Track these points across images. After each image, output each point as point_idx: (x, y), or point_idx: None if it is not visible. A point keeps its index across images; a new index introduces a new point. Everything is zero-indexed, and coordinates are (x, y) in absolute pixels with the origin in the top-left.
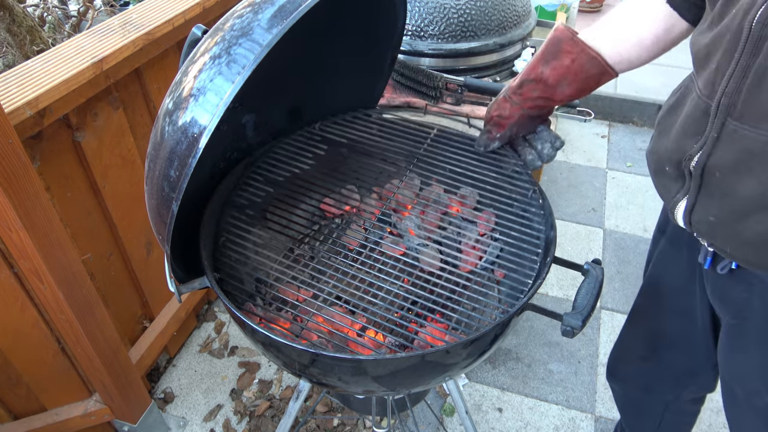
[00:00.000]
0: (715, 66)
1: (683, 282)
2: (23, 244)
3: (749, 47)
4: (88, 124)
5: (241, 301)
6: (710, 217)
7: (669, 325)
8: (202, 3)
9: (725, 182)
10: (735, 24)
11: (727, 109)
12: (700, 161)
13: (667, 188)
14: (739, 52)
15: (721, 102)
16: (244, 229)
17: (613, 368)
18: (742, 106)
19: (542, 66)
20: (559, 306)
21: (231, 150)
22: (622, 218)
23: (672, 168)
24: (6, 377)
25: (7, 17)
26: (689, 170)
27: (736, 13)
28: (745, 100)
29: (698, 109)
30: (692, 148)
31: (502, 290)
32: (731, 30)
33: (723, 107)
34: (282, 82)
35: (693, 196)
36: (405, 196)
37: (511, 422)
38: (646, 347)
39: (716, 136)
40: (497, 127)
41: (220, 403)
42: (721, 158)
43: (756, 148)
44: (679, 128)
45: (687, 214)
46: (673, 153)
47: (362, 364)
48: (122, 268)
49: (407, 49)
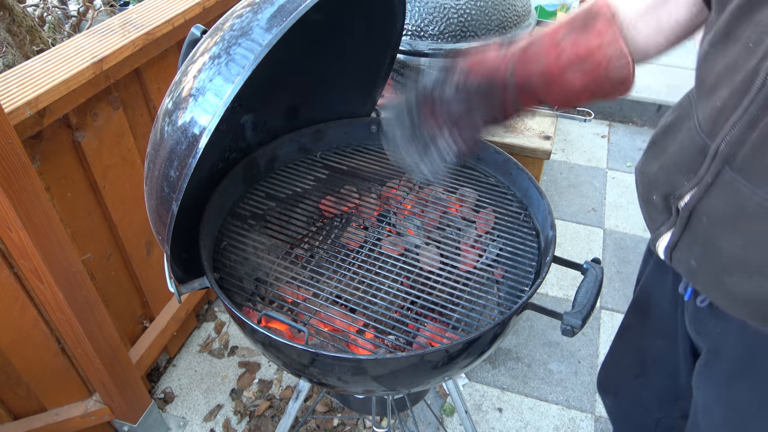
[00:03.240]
0: (720, 104)
1: (668, 307)
2: (23, 244)
3: (762, 97)
4: (88, 124)
5: (241, 301)
6: (692, 260)
7: (654, 347)
8: (202, 3)
9: (711, 231)
10: (751, 65)
11: (726, 158)
12: (689, 203)
13: (653, 218)
14: (750, 100)
15: (721, 149)
16: (244, 232)
17: (604, 382)
18: (744, 160)
19: (564, 33)
20: (559, 306)
21: (230, 150)
22: (622, 218)
23: (659, 199)
24: (6, 377)
25: (7, 17)
26: (677, 208)
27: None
28: (748, 154)
29: (695, 145)
30: (683, 186)
31: (502, 290)
32: (746, 70)
33: (722, 154)
34: (281, 81)
35: (677, 235)
36: (406, 198)
37: (511, 422)
38: (634, 365)
39: (710, 182)
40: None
41: (220, 403)
42: (711, 206)
43: (749, 207)
44: (672, 159)
45: (669, 250)
46: (663, 185)
47: (362, 364)
48: (122, 268)
49: (407, 49)
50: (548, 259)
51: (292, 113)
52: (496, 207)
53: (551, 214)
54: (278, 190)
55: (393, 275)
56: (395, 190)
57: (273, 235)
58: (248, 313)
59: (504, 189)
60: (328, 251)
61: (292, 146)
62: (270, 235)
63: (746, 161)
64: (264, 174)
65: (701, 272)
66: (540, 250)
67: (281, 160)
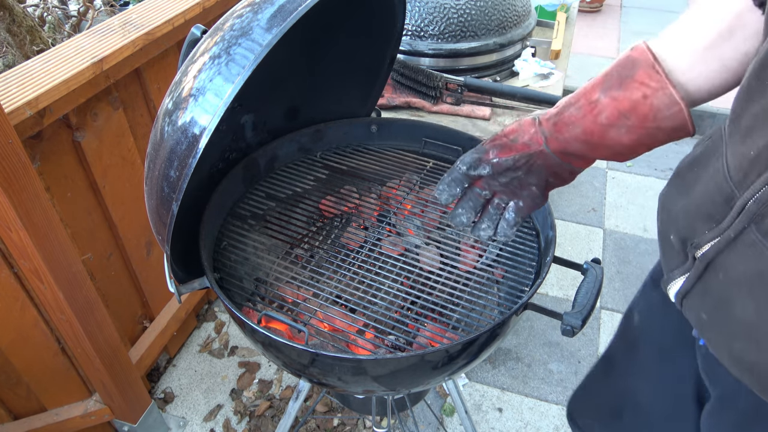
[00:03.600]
0: (754, 154)
1: (666, 346)
2: (23, 244)
3: None
4: (88, 124)
5: (241, 301)
6: (702, 313)
7: (638, 391)
8: (202, 3)
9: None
10: None
11: (753, 217)
12: (707, 254)
13: (667, 257)
14: None
15: (749, 206)
16: (244, 232)
17: (574, 413)
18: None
19: (600, 92)
20: (559, 306)
21: (230, 150)
22: (622, 218)
23: (677, 241)
24: (6, 377)
25: (7, 17)
26: (694, 256)
27: None
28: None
29: (721, 192)
30: (703, 234)
31: (502, 290)
32: None
33: (749, 212)
34: (281, 81)
35: (691, 282)
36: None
37: (511, 422)
38: (610, 408)
39: (732, 237)
40: (500, 150)
41: (220, 403)
42: (730, 264)
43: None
44: (695, 201)
45: (680, 296)
46: (683, 228)
47: (362, 364)
48: (122, 268)
49: (407, 49)
50: (548, 260)
51: (292, 113)
52: None
53: (551, 214)
54: (278, 190)
55: (393, 275)
56: (395, 190)
57: (273, 235)
58: (248, 313)
59: None
60: (328, 251)
61: (292, 146)
62: (270, 235)
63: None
64: (264, 174)
65: (710, 329)
66: (540, 250)
67: (281, 160)
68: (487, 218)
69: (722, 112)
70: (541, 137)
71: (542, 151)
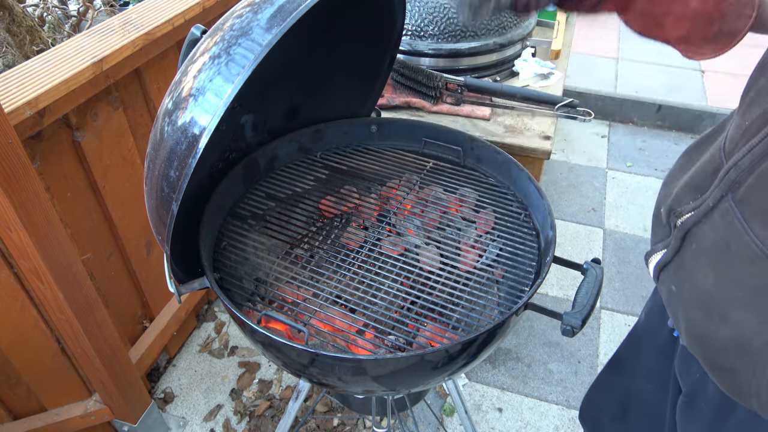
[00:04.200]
0: (747, 124)
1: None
2: (23, 244)
3: None
4: (88, 124)
5: (241, 301)
6: (672, 286)
7: (644, 391)
8: (202, 3)
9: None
10: None
11: (732, 184)
12: (685, 224)
13: (655, 231)
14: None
15: (730, 173)
16: (244, 232)
17: (586, 413)
18: (746, 190)
19: None
20: (559, 306)
21: (230, 150)
22: (622, 218)
23: (665, 213)
24: (6, 377)
25: (7, 17)
26: (675, 225)
27: None
28: (751, 186)
29: (713, 162)
30: (687, 204)
31: (502, 290)
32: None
33: (729, 179)
34: (281, 81)
35: (669, 255)
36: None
37: (511, 422)
38: (617, 406)
39: (711, 206)
40: None
41: (220, 403)
42: (703, 234)
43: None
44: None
45: (658, 268)
46: (673, 200)
47: (362, 364)
48: (122, 268)
49: (407, 49)
50: (548, 259)
51: (292, 113)
52: (496, 207)
53: (551, 214)
54: (278, 190)
55: (393, 275)
56: (395, 190)
57: (273, 235)
58: (248, 313)
59: (504, 189)
60: (328, 251)
61: (292, 146)
62: (270, 235)
63: (747, 193)
64: (264, 174)
65: (676, 301)
66: (540, 250)
67: (281, 160)
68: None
69: (722, 113)
70: None
71: None
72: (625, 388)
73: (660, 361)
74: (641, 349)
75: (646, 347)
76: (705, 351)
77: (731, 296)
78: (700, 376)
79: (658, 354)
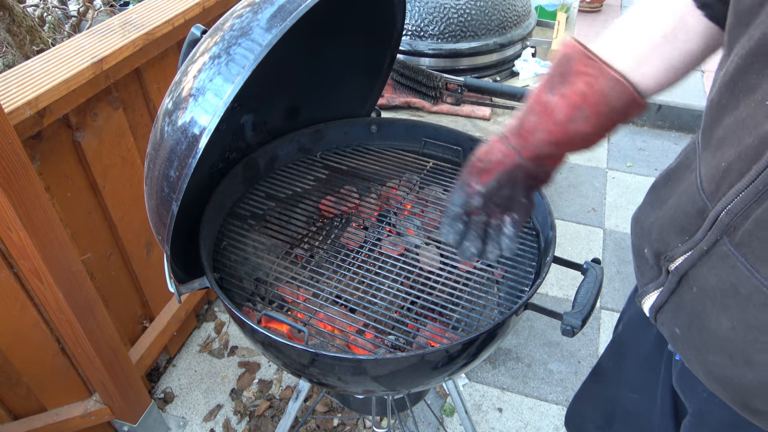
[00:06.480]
0: (725, 165)
1: (648, 357)
2: (23, 244)
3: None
4: (88, 124)
5: (241, 301)
6: (676, 328)
7: (627, 399)
8: (202, 3)
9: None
10: (764, 128)
11: (725, 229)
12: (680, 267)
13: (642, 272)
14: (758, 170)
15: (721, 217)
16: (244, 232)
17: (571, 420)
18: (744, 235)
19: (548, 94)
20: (559, 306)
21: (230, 150)
22: (622, 218)
23: (650, 255)
24: (6, 377)
25: (7, 17)
26: (667, 270)
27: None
28: (751, 231)
29: (694, 204)
30: (677, 247)
31: (502, 290)
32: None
33: (721, 223)
34: (280, 81)
35: (664, 297)
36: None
37: (511, 422)
38: (602, 415)
39: (705, 249)
40: (480, 175)
41: (220, 403)
42: (703, 277)
43: (744, 288)
44: (668, 214)
45: (654, 310)
46: (656, 241)
47: (362, 364)
48: (122, 268)
49: (407, 49)
50: (548, 260)
51: (292, 113)
52: None
53: (551, 214)
54: (278, 190)
55: (393, 275)
56: (395, 190)
57: (273, 235)
58: (248, 313)
59: None
60: (328, 251)
61: (292, 146)
62: (270, 235)
63: (747, 238)
64: (264, 174)
65: (684, 343)
66: (540, 250)
67: (281, 160)
68: (490, 242)
69: None
70: (512, 151)
71: (518, 164)
72: (609, 397)
73: (645, 373)
74: (624, 360)
75: (629, 359)
76: (733, 394)
77: (754, 341)
78: (708, 396)
79: (642, 366)
